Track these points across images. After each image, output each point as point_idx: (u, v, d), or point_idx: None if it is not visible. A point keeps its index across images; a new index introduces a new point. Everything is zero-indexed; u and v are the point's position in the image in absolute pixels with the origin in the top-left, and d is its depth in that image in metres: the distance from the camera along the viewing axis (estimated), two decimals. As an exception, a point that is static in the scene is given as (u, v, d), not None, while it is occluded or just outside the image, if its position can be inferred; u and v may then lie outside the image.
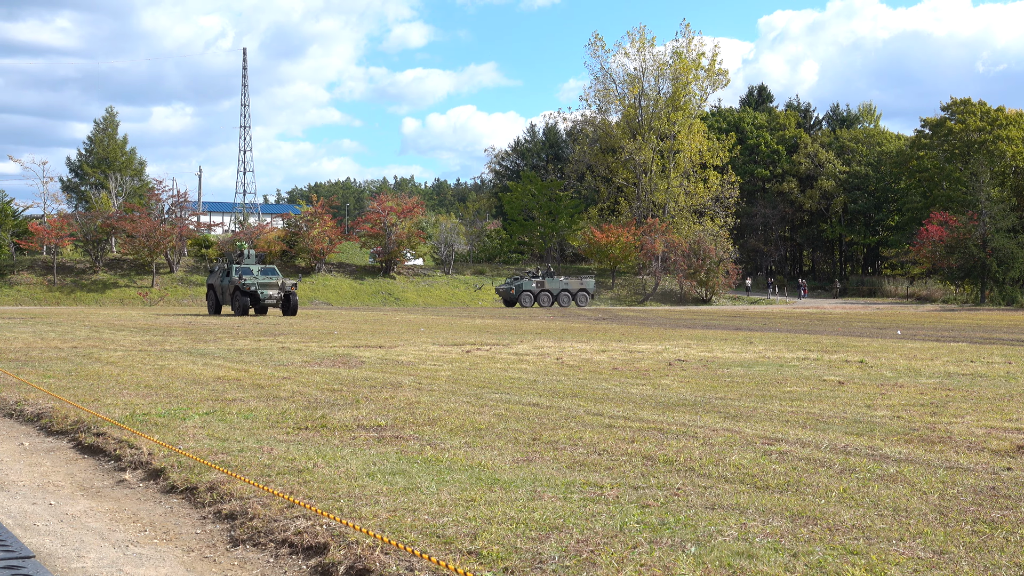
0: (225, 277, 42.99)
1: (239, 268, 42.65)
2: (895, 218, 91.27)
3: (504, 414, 10.70)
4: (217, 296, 43.60)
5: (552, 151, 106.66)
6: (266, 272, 42.82)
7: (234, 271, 42.55)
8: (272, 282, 42.00)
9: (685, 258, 73.69)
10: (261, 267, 43.01)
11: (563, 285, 61.44)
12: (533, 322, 37.83)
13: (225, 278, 42.94)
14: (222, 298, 43.14)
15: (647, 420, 10.32)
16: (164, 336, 25.66)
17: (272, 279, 42.26)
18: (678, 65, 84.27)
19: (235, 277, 42.08)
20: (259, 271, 42.68)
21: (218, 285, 43.47)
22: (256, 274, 42.42)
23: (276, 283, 41.98)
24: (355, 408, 11.17)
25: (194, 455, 8.26)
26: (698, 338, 26.34)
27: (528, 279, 60.88)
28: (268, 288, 41.73)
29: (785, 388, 13.46)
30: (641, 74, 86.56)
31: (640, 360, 18.28)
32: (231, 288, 42.13)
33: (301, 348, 21.10)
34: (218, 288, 43.45)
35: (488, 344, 22.86)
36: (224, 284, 42.83)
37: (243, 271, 42.49)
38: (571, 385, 13.77)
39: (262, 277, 42.19)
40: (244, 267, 42.77)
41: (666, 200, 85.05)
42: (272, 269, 43.22)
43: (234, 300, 41.86)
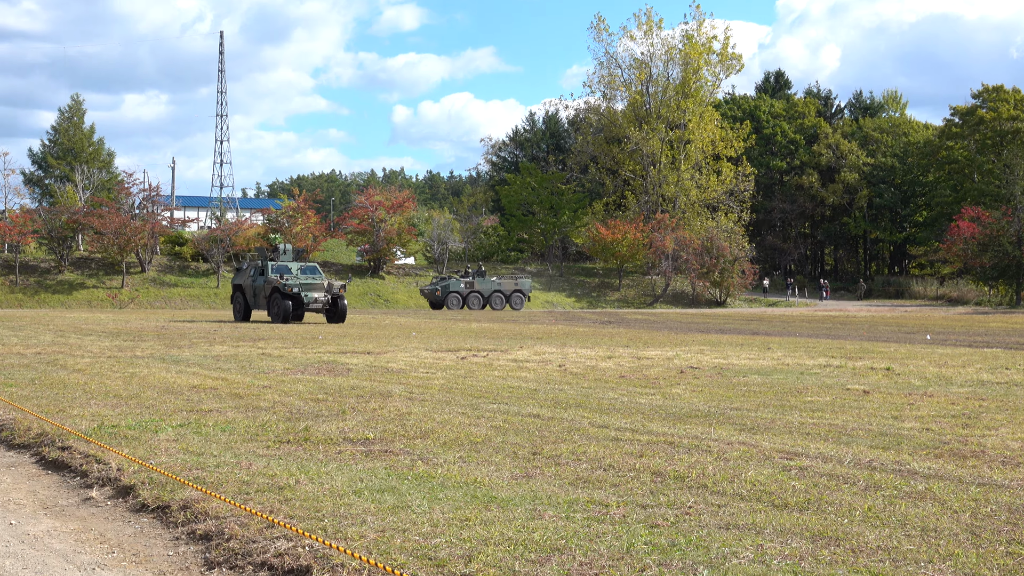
0: (258, 277, 40.16)
1: (276, 266, 39.84)
2: (923, 213, 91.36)
3: (502, 426, 10.68)
4: (247, 299, 40.85)
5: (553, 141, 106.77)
6: (307, 271, 40.16)
7: (270, 269, 39.66)
8: (317, 283, 39.25)
9: (697, 257, 73.73)
10: (301, 265, 40.32)
11: (495, 286, 61.14)
12: (534, 326, 37.81)
13: (258, 278, 40.11)
14: (253, 301, 40.38)
15: (656, 433, 10.31)
16: (135, 341, 25.63)
17: (316, 279, 39.53)
18: (688, 49, 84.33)
19: (273, 277, 39.14)
20: (299, 270, 39.93)
21: (248, 286, 40.64)
22: (296, 273, 39.66)
23: (321, 284, 39.27)
24: (341, 420, 11.16)
25: (166, 471, 8.24)
26: (712, 343, 26.33)
27: (456, 279, 60.60)
28: (313, 290, 38.94)
29: (806, 398, 13.45)
30: (648, 59, 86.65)
31: (649, 367, 18.27)
32: (267, 290, 39.19)
33: (283, 354, 21.08)
34: (248, 290, 40.65)
35: (485, 350, 22.85)
36: (257, 285, 40.01)
37: (281, 269, 39.72)
38: (574, 395, 13.75)
39: (304, 277, 39.46)
40: (281, 265, 39.98)
41: (676, 194, 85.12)
42: (314, 267, 40.59)
43: (271, 304, 38.88)
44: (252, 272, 40.87)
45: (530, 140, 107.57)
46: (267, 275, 39.56)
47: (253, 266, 41.16)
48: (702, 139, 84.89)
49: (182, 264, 72.70)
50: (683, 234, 75.85)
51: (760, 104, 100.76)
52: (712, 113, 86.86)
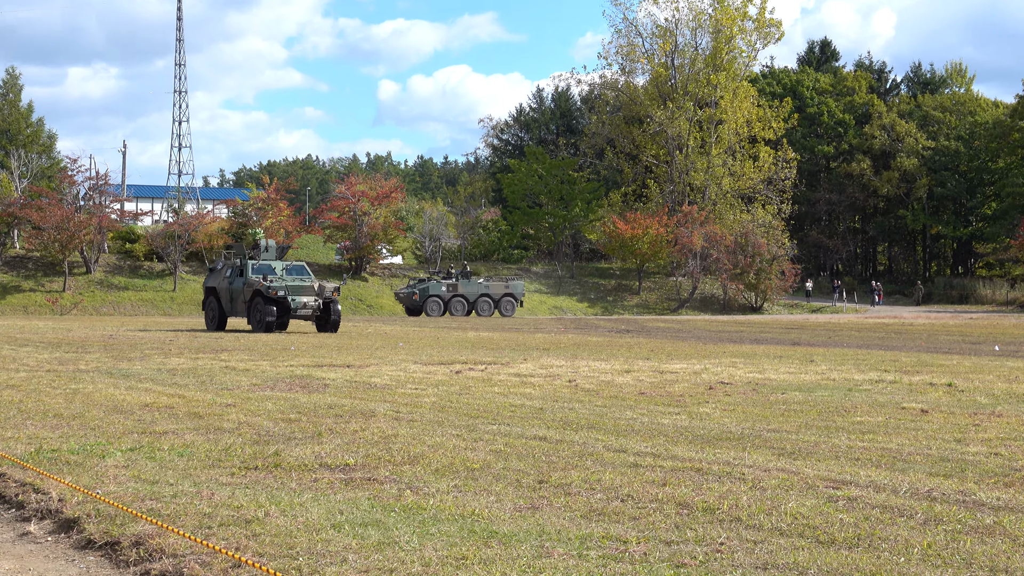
0: (236, 278, 39.72)
1: (257, 266, 39.44)
2: (992, 205, 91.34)
3: (503, 450, 10.69)
4: (222, 304, 40.43)
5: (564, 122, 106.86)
6: (294, 271, 39.86)
7: (250, 269, 39.25)
8: (306, 285, 38.60)
9: (730, 255, 73.78)
10: (286, 264, 40.01)
11: (483, 289, 61.17)
12: (540, 335, 37.81)
13: (236, 279, 39.66)
14: (230, 307, 40.02)
15: (682, 458, 10.31)
16: (79, 353, 25.65)
17: (305, 281, 38.98)
18: (720, 15, 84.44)
19: (254, 278, 38.69)
20: (284, 270, 39.64)
21: (224, 290, 40.19)
22: (281, 274, 39.33)
23: (311, 287, 38.61)
24: (317, 443, 11.17)
25: (116, 501, 8.25)
26: (746, 355, 26.32)
27: (437, 281, 60.54)
28: (301, 293, 38.30)
29: (855, 418, 13.44)
30: (674, 26, 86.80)
31: (673, 383, 18.27)
32: (247, 293, 38.80)
33: (249, 368, 21.10)
34: (224, 294, 40.20)
35: (483, 363, 22.85)
36: (235, 288, 39.56)
37: (263, 270, 39.29)
38: (587, 414, 13.76)
39: (290, 278, 38.98)
40: (263, 264, 39.60)
41: (706, 182, 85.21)
42: (301, 267, 40.41)
43: (252, 310, 38.59)
44: (228, 273, 40.38)
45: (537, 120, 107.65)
46: (247, 276, 39.13)
47: (229, 266, 40.66)
48: (736, 119, 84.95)
49: (134, 264, 72.78)
50: (713, 229, 75.88)
51: (803, 79, 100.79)
52: (747, 89, 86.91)
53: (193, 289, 69.47)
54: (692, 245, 74.59)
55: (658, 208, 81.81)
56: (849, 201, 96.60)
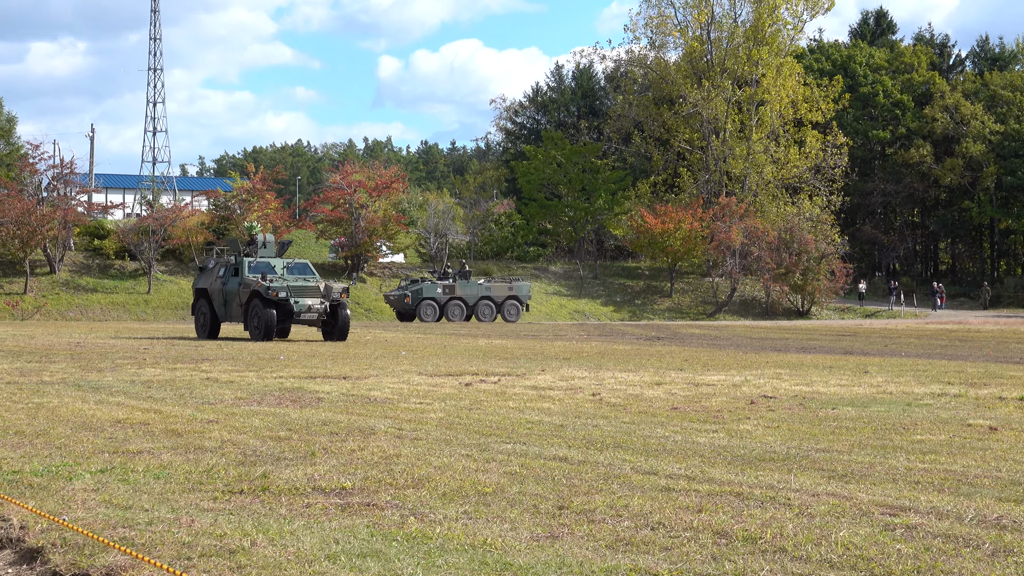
0: (231, 278, 39.54)
1: (254, 264, 39.26)
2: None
3: (519, 472, 10.70)
4: (214, 308, 40.26)
5: (586, 103, 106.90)
6: (296, 270, 39.67)
7: (247, 268, 39.12)
8: (310, 286, 38.33)
9: (773, 253, 73.74)
10: (287, 262, 39.84)
11: (483, 291, 61.05)
12: (559, 343, 37.81)
13: (231, 280, 39.48)
14: (224, 311, 39.81)
15: (720, 481, 10.31)
16: (42, 362, 25.71)
17: (309, 281, 38.74)
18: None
19: (251, 278, 38.44)
20: (285, 268, 39.41)
21: (217, 291, 39.97)
22: (282, 273, 39.11)
23: (316, 288, 38.34)
24: (309, 464, 11.19)
25: (85, 529, 8.27)
26: (791, 365, 26.30)
27: (432, 282, 60.46)
28: (305, 295, 38.04)
29: (914, 436, 13.43)
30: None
31: (710, 396, 18.27)
32: (243, 295, 38.51)
33: (234, 379, 21.13)
34: (217, 296, 39.99)
35: (496, 374, 22.86)
36: (229, 289, 39.38)
37: (261, 268, 39.04)
38: (613, 431, 13.77)
39: (292, 278, 38.71)
40: (261, 262, 39.40)
41: (746, 171, 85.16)
42: (304, 265, 40.33)
43: (250, 314, 38.24)
44: (222, 272, 40.17)
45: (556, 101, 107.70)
46: (243, 276, 38.84)
47: (222, 264, 40.45)
48: (780, 99, 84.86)
49: (103, 263, 72.92)
50: (754, 223, 75.84)
51: (855, 54, 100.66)
52: (793, 66, 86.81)
53: (169, 291, 69.61)
54: (730, 241, 74.53)
55: (692, 200, 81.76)
56: (907, 192, 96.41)
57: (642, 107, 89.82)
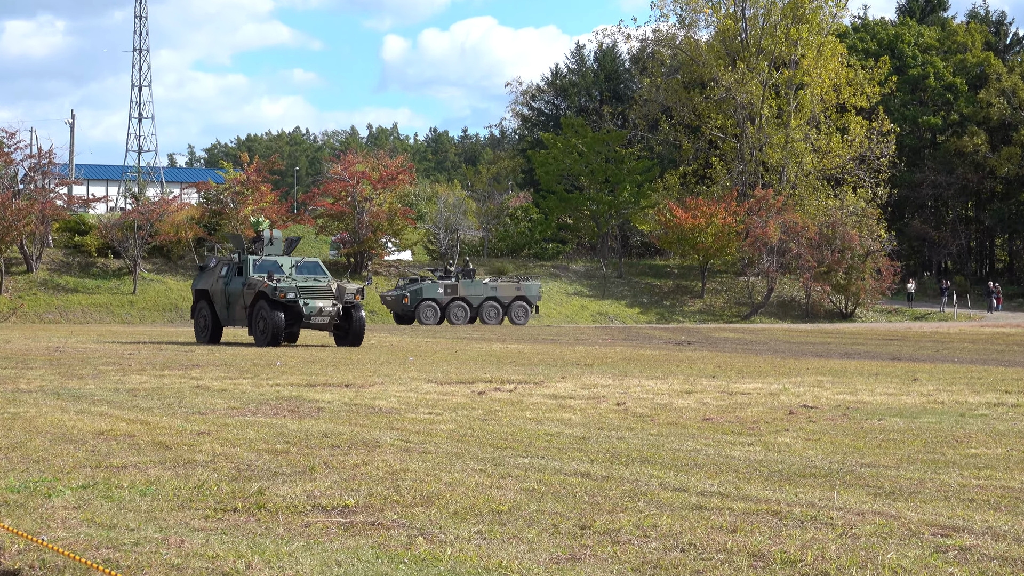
0: (234, 278, 39.33)
1: (260, 263, 38.98)
2: None
3: (536, 489, 10.70)
4: (216, 311, 40.10)
5: (609, 86, 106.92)
6: (306, 269, 39.42)
7: (252, 267, 38.85)
8: (321, 287, 38.10)
9: (813, 250, 73.64)
10: (296, 261, 39.48)
11: (489, 292, 60.90)
12: (581, 348, 37.79)
13: (234, 280, 39.28)
14: (226, 314, 39.71)
15: (755, 498, 10.30)
16: (18, 369, 25.76)
17: (320, 282, 38.49)
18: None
19: (256, 278, 38.17)
20: (293, 267, 39.06)
21: (219, 292, 39.82)
22: (290, 272, 38.79)
23: (328, 288, 38.11)
24: (309, 479, 11.20)
25: (65, 550, 8.28)
26: (834, 372, 26.27)
27: (432, 282, 60.34)
28: (316, 296, 37.81)
29: (968, 450, 13.40)
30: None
31: (745, 406, 18.25)
32: (249, 296, 38.25)
33: (227, 388, 21.15)
34: (218, 297, 39.85)
35: (512, 381, 22.87)
36: (232, 290, 39.20)
37: (268, 267, 38.76)
38: (639, 445, 13.76)
39: (302, 278, 38.42)
40: (268, 260, 39.13)
41: (784, 160, 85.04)
42: (315, 264, 40.09)
43: (255, 317, 37.94)
44: (224, 272, 39.97)
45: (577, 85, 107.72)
46: (248, 275, 38.62)
47: (225, 263, 40.21)
48: (821, 83, 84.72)
49: (84, 261, 73.05)
50: (793, 218, 75.74)
51: (903, 33, 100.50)
52: (835, 46, 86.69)
53: (156, 292, 69.72)
54: (767, 237, 74.42)
55: (725, 192, 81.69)
56: (960, 184, 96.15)
57: (670, 91, 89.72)
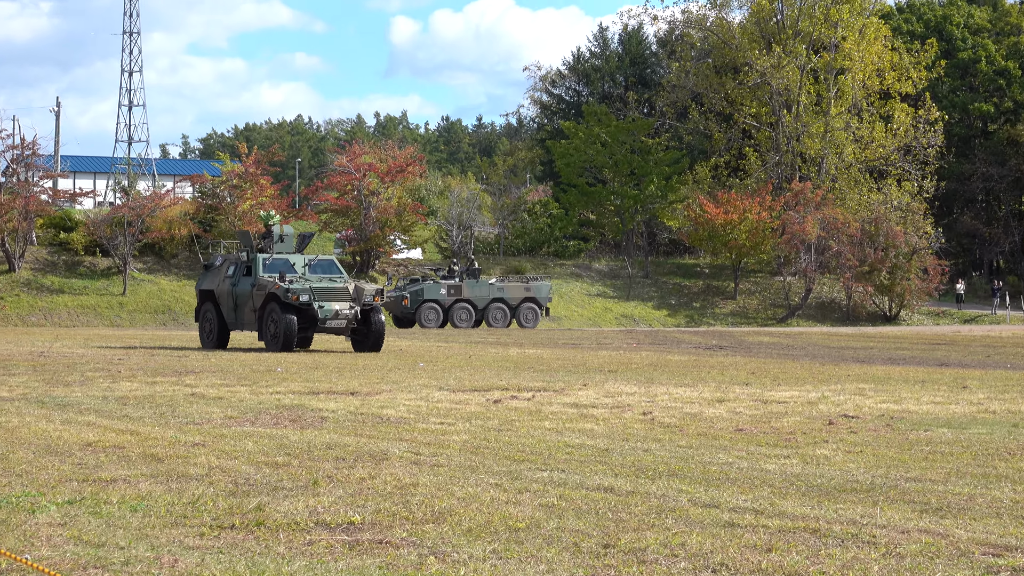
0: (242, 278, 38.98)
1: (270, 262, 38.63)
2: None
3: (556, 505, 10.70)
4: (222, 314, 39.78)
5: (635, 71, 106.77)
6: (320, 268, 39.15)
7: (261, 266, 38.54)
8: (338, 288, 37.79)
9: (855, 247, 73.55)
10: (309, 259, 39.24)
11: (495, 293, 60.72)
12: (604, 353, 37.78)
13: (242, 280, 38.95)
14: (233, 317, 39.44)
15: (792, 515, 10.29)
16: (0, 375, 25.80)
17: (336, 282, 38.26)
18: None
19: (267, 278, 37.85)
20: (307, 266, 38.75)
21: (225, 294, 39.47)
22: (304, 272, 38.45)
23: (345, 289, 37.75)
24: (312, 494, 11.20)
25: (51, 569, 8.30)
26: (877, 379, 26.23)
27: (434, 282, 60.21)
28: (332, 298, 37.41)
29: (1021, 463, 13.38)
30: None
31: (781, 416, 18.23)
32: (259, 298, 37.97)
33: (223, 396, 21.17)
34: (225, 299, 39.52)
35: (530, 389, 22.87)
36: (240, 291, 38.88)
37: (279, 266, 38.28)
38: (667, 457, 13.76)
39: (316, 278, 38.16)
40: (279, 259, 38.77)
41: (823, 151, 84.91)
42: (330, 263, 40.04)
43: (266, 320, 37.61)
44: (231, 271, 39.60)
45: (600, 70, 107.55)
46: (257, 275, 38.37)
47: (232, 261, 39.98)
48: (863, 67, 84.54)
49: (71, 259, 73.12)
50: (833, 213, 75.65)
51: (952, 14, 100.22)
52: (879, 27, 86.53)
53: (148, 292, 69.82)
54: (805, 234, 74.33)
55: (759, 185, 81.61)
56: (1013, 176, 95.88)
57: (701, 76, 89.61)
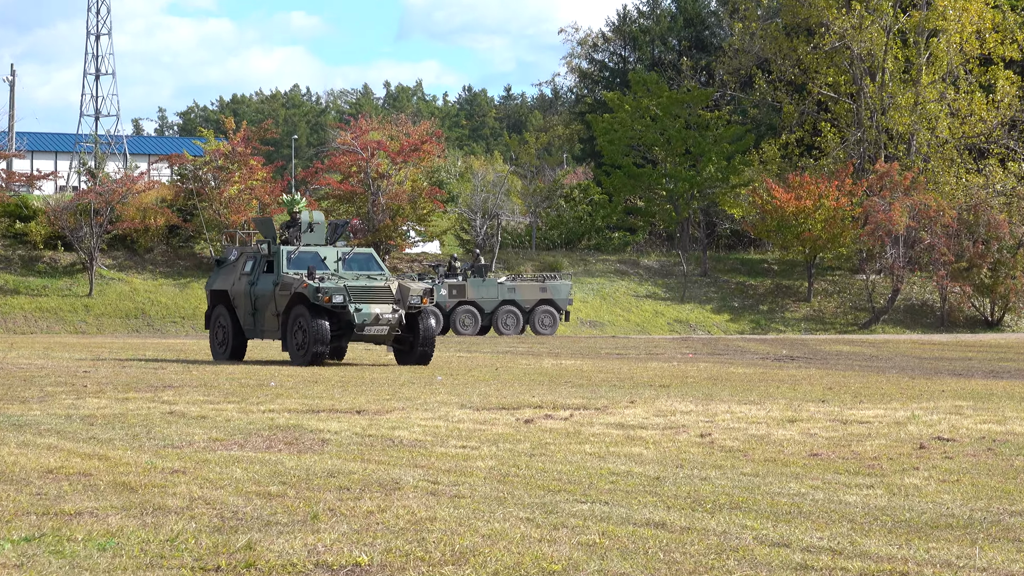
0: (262, 275, 38.04)
1: (297, 256, 37.62)
2: None
3: (598, 544, 10.71)
4: (238, 319, 38.87)
5: (690, 33, 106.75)
6: (356, 263, 38.22)
7: (285, 261, 37.43)
8: (378, 287, 36.72)
9: (951, 240, 73.41)
10: (343, 251, 38.34)
11: (505, 294, 60.16)
12: (655, 364, 37.77)
13: (262, 278, 38.03)
14: (252, 322, 38.40)
15: (877, 556, 10.29)
16: (-54, 390, 25.91)
17: (375, 280, 37.24)
18: None
19: (292, 275, 36.81)
20: (340, 261, 37.76)
21: (242, 295, 38.51)
22: (336, 268, 37.50)
23: (386, 289, 36.65)
24: (311, 530, 11.23)
25: (4, 619, 8.35)
26: (977, 396, 26.19)
27: (435, 282, 60.07)
28: (371, 299, 36.34)
29: None
30: None
31: (864, 438, 18.22)
32: (283, 300, 36.88)
33: (207, 414, 21.21)
34: (242, 301, 38.54)
35: (568, 407, 22.88)
36: (260, 291, 37.91)
37: (306, 260, 37.33)
38: (728, 487, 13.76)
39: (351, 275, 37.26)
40: (306, 252, 37.82)
41: (913, 127, 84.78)
42: (368, 257, 38.79)
43: (292, 326, 36.54)
44: (249, 267, 38.79)
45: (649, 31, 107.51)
46: (281, 272, 37.30)
47: (250, 255, 39.15)
48: (960, 29, 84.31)
49: (28, 254, 73.32)
50: (925, 199, 75.48)
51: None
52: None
53: (119, 293, 69.98)
54: (891, 224, 74.16)
55: (838, 167, 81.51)
56: None
57: (769, 39, 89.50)
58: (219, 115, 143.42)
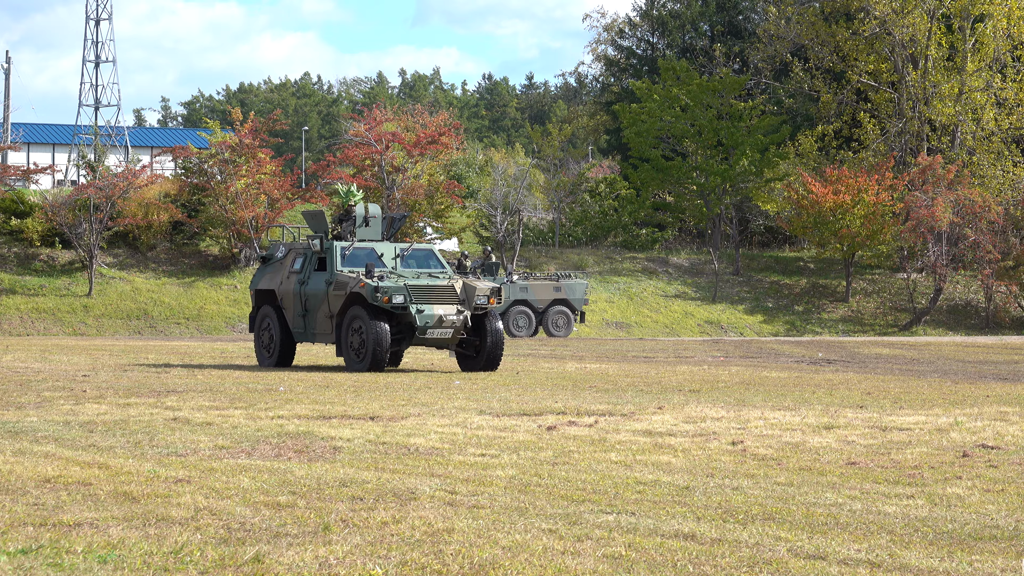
0: (313, 274, 37.14)
1: (351, 252, 36.70)
2: None
3: (624, 556, 10.73)
4: (286, 320, 38.05)
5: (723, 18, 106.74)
6: (417, 260, 37.46)
7: (338, 257, 36.44)
8: (440, 286, 35.72)
9: (997, 237, 73.32)
10: (402, 247, 37.38)
11: (516, 293, 59.41)
12: (684, 368, 37.76)
13: (313, 276, 37.14)
14: (302, 324, 37.53)
15: (918, 568, 10.30)
16: (-61, 395, 25.97)
17: (438, 278, 36.30)
18: None
19: (347, 273, 35.86)
20: (398, 258, 36.81)
21: (291, 295, 37.65)
22: (395, 266, 36.57)
23: (450, 289, 35.66)
24: (323, 542, 11.25)
25: (1, 634, 8.38)
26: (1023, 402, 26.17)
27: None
28: (434, 300, 35.42)
29: None
30: None
31: (903, 446, 18.22)
32: (337, 301, 35.99)
33: (212, 421, 21.23)
34: (291, 301, 37.68)
35: (593, 413, 22.89)
36: (311, 292, 37.04)
37: (362, 258, 36.59)
38: (761, 496, 13.77)
39: (412, 273, 36.46)
40: (362, 248, 36.95)
41: (957, 118, 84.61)
42: (428, 254, 38.02)
43: (346, 330, 35.67)
44: (298, 264, 37.92)
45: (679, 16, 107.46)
46: (335, 270, 36.13)
47: (300, 252, 37.99)
48: (1008, 13, 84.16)
49: (24, 252, 73.40)
50: (970, 194, 75.36)
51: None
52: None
53: (119, 292, 70.03)
54: (934, 220, 74.03)
55: (878, 160, 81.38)
56: None
57: (805, 24, 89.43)
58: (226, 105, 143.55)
